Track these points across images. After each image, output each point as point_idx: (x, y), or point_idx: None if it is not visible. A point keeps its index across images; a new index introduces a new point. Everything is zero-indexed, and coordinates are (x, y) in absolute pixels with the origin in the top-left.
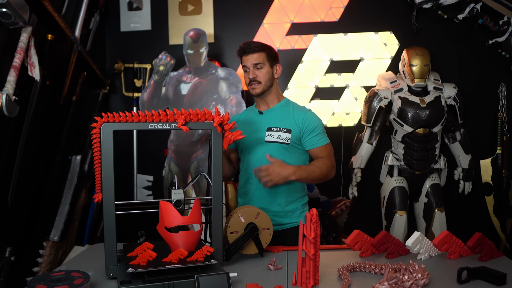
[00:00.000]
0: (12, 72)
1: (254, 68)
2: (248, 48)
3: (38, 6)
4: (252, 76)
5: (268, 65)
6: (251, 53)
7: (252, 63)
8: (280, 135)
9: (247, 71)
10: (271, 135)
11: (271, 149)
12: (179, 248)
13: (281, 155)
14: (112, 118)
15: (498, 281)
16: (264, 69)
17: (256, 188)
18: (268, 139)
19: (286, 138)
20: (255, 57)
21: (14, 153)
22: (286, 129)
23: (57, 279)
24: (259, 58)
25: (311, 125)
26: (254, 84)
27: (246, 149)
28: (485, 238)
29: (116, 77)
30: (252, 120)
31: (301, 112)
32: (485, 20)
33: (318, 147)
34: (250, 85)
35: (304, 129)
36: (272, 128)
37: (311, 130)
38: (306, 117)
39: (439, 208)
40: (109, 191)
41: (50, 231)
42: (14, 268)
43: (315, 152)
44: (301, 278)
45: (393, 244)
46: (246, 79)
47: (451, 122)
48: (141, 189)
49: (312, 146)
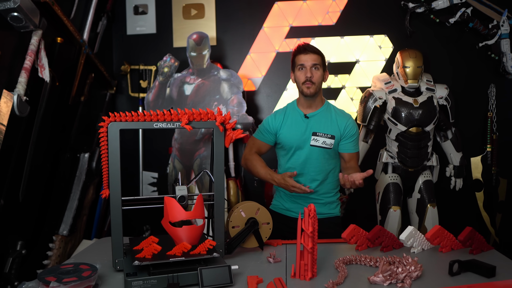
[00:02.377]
0: (23, 73)
1: (311, 69)
2: (308, 48)
3: (48, 10)
4: (309, 75)
5: (322, 69)
6: (311, 52)
7: (311, 63)
8: (325, 140)
9: (304, 69)
10: (317, 140)
11: (314, 152)
12: (182, 241)
13: (323, 158)
14: (118, 118)
15: (488, 273)
16: (319, 71)
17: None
18: (313, 143)
19: (330, 143)
20: (314, 57)
21: (25, 151)
22: (330, 135)
23: (66, 271)
24: (317, 60)
25: (351, 131)
26: (309, 83)
27: (290, 149)
28: (475, 232)
29: (122, 78)
30: (298, 122)
31: (343, 118)
32: (476, 24)
33: (352, 153)
34: (305, 83)
35: (345, 134)
36: (317, 134)
37: (350, 136)
38: (348, 123)
39: (431, 204)
40: (116, 187)
41: (59, 226)
42: (25, 261)
43: (348, 156)
44: (299, 270)
45: (388, 238)
46: (300, 77)
47: (443, 121)
48: (147, 185)
49: (347, 150)
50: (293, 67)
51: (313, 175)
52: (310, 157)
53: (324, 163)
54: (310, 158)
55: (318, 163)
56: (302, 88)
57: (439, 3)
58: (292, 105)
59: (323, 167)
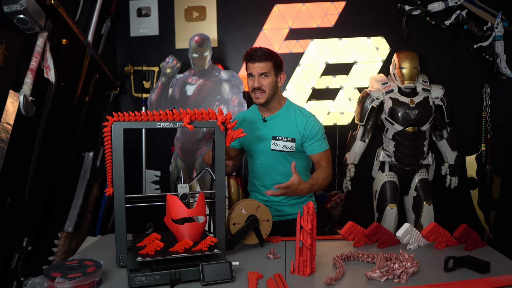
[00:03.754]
0: (29, 74)
1: (260, 77)
2: (255, 56)
3: (54, 13)
4: (257, 85)
5: (273, 74)
6: (257, 61)
7: (258, 72)
8: (285, 144)
9: (252, 78)
10: (277, 144)
11: (277, 156)
12: (184, 238)
13: (286, 161)
14: (122, 117)
15: (482, 269)
16: (269, 78)
17: (263, 193)
18: (274, 148)
19: (291, 147)
20: (261, 66)
21: (31, 150)
22: (290, 138)
23: (71, 267)
24: (265, 68)
25: (313, 131)
26: (258, 93)
27: (253, 155)
28: (470, 229)
29: (126, 79)
30: (257, 127)
31: (303, 118)
32: (470, 26)
33: (318, 153)
34: (253, 93)
35: (306, 135)
36: (277, 137)
37: (312, 136)
38: (308, 124)
39: (427, 201)
40: (119, 185)
41: (64, 223)
42: (31, 257)
43: (315, 157)
44: (298, 266)
45: (385, 235)
46: (249, 85)
47: (438, 121)
48: (149, 183)
49: (313, 152)
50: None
51: (278, 179)
52: (273, 161)
53: (289, 167)
54: (273, 162)
55: (282, 167)
56: (252, 96)
57: (435, 6)
58: (254, 108)
59: (287, 170)
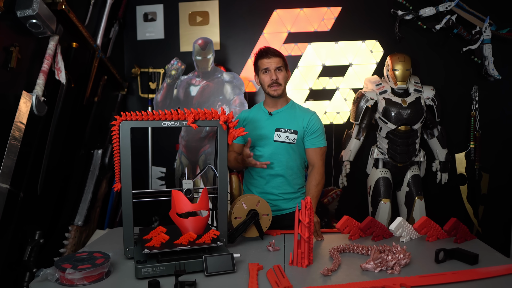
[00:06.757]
0: (41, 76)
1: (276, 71)
2: (270, 52)
3: (64, 18)
4: (275, 77)
5: (285, 70)
6: (273, 56)
7: (274, 66)
8: (287, 136)
9: (268, 73)
10: (280, 136)
11: (278, 148)
12: (189, 231)
13: (286, 153)
14: (129, 117)
15: (471, 261)
16: (283, 72)
17: (264, 182)
18: (276, 139)
19: (293, 138)
20: (276, 61)
21: (43, 148)
22: (293, 130)
23: (81, 259)
24: (280, 62)
25: (314, 127)
26: (276, 86)
27: (255, 147)
28: (459, 223)
29: (133, 81)
30: (262, 120)
31: (306, 114)
32: (460, 30)
33: (315, 148)
34: (271, 86)
35: (307, 130)
36: (280, 129)
37: (313, 132)
38: (311, 119)
39: (419, 196)
40: (127, 181)
41: (74, 217)
42: (43, 249)
43: (311, 152)
44: (296, 258)
45: (378, 228)
46: (265, 81)
47: (429, 120)
48: (155, 179)
49: (310, 146)
50: (256, 70)
51: (277, 170)
52: (274, 152)
53: (289, 160)
54: (274, 154)
55: (282, 158)
56: (268, 90)
57: (426, 11)
58: (259, 105)
59: (287, 163)
